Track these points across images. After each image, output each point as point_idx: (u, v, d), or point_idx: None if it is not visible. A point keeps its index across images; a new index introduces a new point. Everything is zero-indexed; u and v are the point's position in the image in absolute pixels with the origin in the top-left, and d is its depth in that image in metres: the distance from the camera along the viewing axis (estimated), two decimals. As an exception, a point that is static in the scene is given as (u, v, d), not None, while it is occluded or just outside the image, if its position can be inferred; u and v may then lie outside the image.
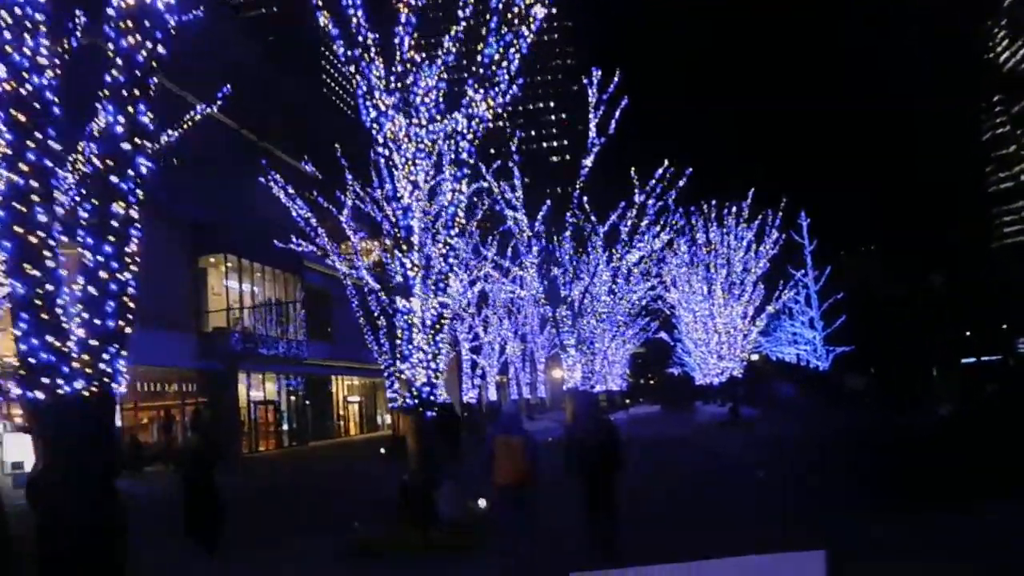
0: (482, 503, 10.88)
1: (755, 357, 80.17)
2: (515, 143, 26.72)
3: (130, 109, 5.48)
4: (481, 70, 10.02)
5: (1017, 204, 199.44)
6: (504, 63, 10.38)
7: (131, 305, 5.63)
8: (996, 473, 11.84)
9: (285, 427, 39.02)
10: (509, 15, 10.17)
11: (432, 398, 10.32)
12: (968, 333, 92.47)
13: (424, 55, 10.31)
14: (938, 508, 10.60)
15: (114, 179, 5.50)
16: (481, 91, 9.98)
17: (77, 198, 6.55)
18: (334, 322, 42.20)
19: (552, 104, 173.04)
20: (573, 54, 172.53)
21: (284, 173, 23.86)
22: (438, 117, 10.41)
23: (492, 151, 28.72)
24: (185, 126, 12.73)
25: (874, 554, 8.63)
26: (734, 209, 34.52)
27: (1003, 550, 8.71)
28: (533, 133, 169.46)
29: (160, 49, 5.58)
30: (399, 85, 9.92)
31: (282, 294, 37.86)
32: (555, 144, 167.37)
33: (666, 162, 25.97)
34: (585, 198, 26.09)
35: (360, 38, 9.78)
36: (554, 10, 10.61)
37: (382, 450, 26.88)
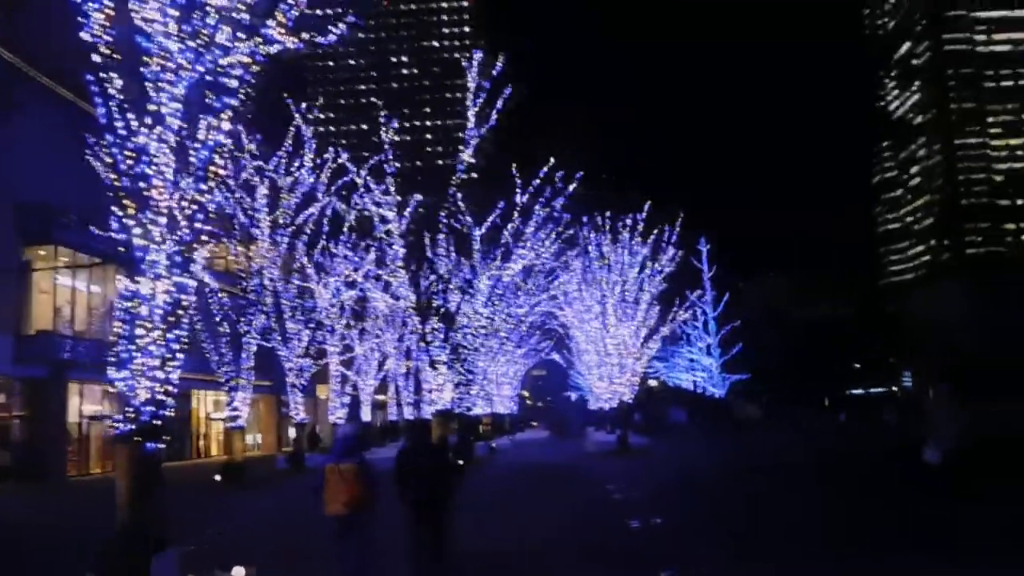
0: (238, 572, 7.81)
1: (654, 383, 79.25)
2: (389, 135, 23.85)
3: None
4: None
5: (902, 244, 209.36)
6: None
7: None
8: None
9: (128, 446, 34.54)
10: None
11: (158, 421, 7.27)
12: (857, 365, 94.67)
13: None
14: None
15: None
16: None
17: None
18: (196, 330, 38.00)
19: (460, 121, 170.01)
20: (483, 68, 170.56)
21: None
22: (202, 33, 7.46)
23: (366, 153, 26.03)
24: None
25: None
26: (628, 222, 32.40)
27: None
28: (440, 149, 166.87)
29: None
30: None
31: (131, 296, 33.65)
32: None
33: (552, 160, 23.55)
34: (460, 196, 23.38)
35: None
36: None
37: (216, 477, 23.37)
